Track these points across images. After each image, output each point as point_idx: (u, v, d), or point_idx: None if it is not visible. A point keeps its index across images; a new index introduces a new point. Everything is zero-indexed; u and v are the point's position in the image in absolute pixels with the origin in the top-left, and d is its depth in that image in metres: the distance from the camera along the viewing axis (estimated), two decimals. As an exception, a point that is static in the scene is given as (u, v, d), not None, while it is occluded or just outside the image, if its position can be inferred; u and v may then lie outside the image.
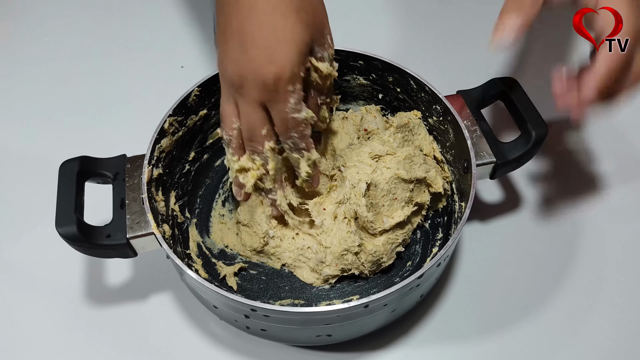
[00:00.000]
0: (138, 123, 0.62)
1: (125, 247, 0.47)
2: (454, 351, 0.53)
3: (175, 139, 0.56)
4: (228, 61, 0.45)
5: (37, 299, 0.56)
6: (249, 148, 0.49)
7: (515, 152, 0.52)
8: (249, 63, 0.44)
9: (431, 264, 0.45)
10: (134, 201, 0.49)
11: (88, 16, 0.84)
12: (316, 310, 0.43)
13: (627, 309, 0.55)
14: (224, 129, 0.49)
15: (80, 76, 0.76)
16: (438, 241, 0.57)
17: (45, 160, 0.65)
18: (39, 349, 0.53)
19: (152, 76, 0.75)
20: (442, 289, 0.57)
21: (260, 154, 0.49)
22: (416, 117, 0.59)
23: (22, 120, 0.72)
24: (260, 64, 0.44)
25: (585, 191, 0.64)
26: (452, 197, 0.58)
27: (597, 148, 0.67)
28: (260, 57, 0.43)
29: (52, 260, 0.58)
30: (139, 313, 0.55)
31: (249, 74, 0.44)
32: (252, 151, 0.49)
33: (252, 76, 0.44)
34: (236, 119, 0.48)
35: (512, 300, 0.56)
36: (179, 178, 0.58)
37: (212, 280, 0.54)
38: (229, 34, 0.45)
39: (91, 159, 0.50)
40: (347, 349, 0.53)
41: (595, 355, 0.53)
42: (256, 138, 0.48)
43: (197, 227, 0.59)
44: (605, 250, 0.59)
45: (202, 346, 0.53)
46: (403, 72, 0.57)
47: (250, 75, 0.44)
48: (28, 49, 0.80)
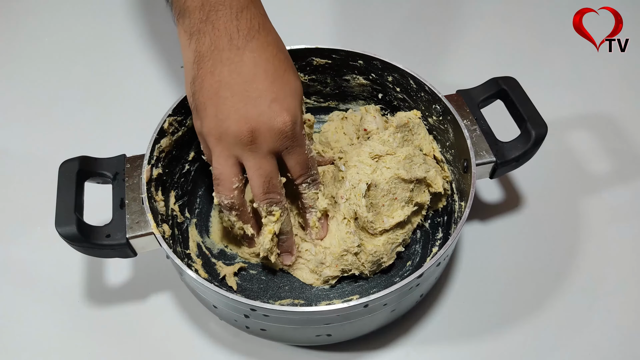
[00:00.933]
0: (138, 123, 0.62)
1: (125, 247, 0.47)
2: (454, 351, 0.53)
3: (175, 139, 0.56)
4: (231, 119, 0.44)
5: (37, 299, 0.56)
6: (265, 202, 0.48)
7: (515, 152, 0.52)
8: (260, 117, 0.44)
9: (431, 263, 0.45)
10: (133, 201, 0.49)
11: (88, 16, 0.84)
12: (316, 310, 0.43)
13: (627, 309, 0.55)
14: (222, 193, 0.47)
15: (80, 76, 0.76)
16: (438, 241, 0.57)
17: (45, 160, 0.65)
18: (39, 349, 0.53)
19: (152, 76, 0.76)
20: (442, 288, 0.57)
21: (280, 202, 0.49)
22: (416, 117, 0.59)
23: (22, 120, 0.72)
24: (274, 115, 0.44)
25: (585, 191, 0.64)
26: (452, 196, 0.58)
27: (597, 148, 0.67)
28: (273, 109, 0.44)
29: (52, 260, 0.58)
30: (138, 313, 0.55)
31: (262, 126, 0.44)
32: (269, 203, 0.48)
33: (267, 128, 0.44)
34: (237, 178, 0.46)
35: (512, 300, 0.56)
36: (178, 178, 0.58)
37: (212, 280, 0.54)
38: (224, 91, 0.44)
39: (91, 158, 0.50)
40: (347, 348, 0.53)
41: (595, 355, 0.53)
42: (274, 188, 0.47)
43: (197, 227, 0.59)
44: (605, 250, 0.59)
45: (201, 346, 0.53)
46: (403, 72, 0.57)
47: (264, 127, 0.44)
48: (28, 49, 0.80)
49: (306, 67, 0.61)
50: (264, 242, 0.50)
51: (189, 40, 0.46)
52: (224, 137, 0.45)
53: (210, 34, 0.44)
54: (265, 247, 0.50)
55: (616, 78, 0.73)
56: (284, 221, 0.50)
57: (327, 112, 0.67)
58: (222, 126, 0.44)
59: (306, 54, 0.60)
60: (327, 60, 0.61)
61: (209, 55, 0.44)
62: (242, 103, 0.44)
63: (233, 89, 0.44)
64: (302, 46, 0.59)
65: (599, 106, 0.65)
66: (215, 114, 0.44)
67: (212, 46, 0.44)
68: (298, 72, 0.61)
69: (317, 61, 0.61)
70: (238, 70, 0.44)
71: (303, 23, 0.82)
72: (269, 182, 0.47)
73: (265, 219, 0.49)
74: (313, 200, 0.52)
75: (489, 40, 0.78)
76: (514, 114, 0.54)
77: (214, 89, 0.44)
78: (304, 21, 0.83)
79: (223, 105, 0.44)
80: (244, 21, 0.45)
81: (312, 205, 0.52)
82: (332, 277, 0.54)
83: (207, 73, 0.45)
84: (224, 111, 0.44)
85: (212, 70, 0.44)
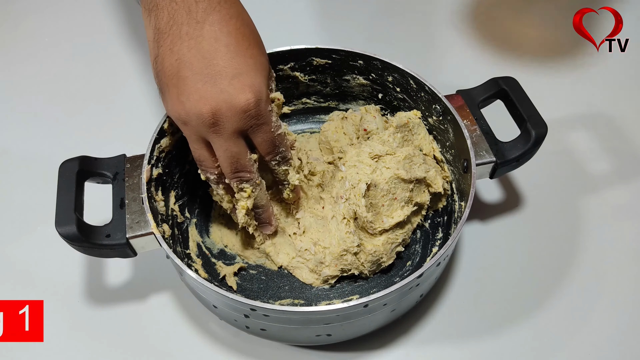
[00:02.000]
0: (138, 123, 0.62)
1: (124, 247, 0.47)
2: (454, 351, 0.53)
3: (175, 139, 0.56)
4: (191, 100, 0.42)
5: (37, 299, 0.56)
6: (235, 180, 0.47)
7: (515, 152, 0.52)
8: (221, 95, 0.42)
9: (431, 263, 0.45)
10: (133, 201, 0.49)
11: (88, 16, 0.84)
12: (316, 309, 0.43)
13: (627, 309, 0.55)
14: (206, 170, 0.47)
15: (80, 76, 0.76)
16: (438, 241, 0.57)
17: (45, 160, 0.65)
18: (39, 349, 0.53)
19: (152, 76, 0.75)
20: (441, 288, 0.57)
21: (250, 180, 0.48)
22: (416, 117, 0.59)
23: (22, 120, 0.72)
24: (235, 93, 0.42)
25: (585, 191, 0.64)
26: (451, 196, 0.58)
27: (597, 148, 0.67)
28: (234, 86, 0.42)
29: (52, 260, 0.58)
30: (138, 313, 0.55)
31: (224, 106, 0.42)
32: (239, 181, 0.47)
33: (229, 107, 0.42)
34: (213, 157, 0.46)
35: (512, 300, 0.56)
36: (178, 178, 0.58)
37: (212, 280, 0.54)
38: (185, 70, 0.42)
39: (91, 158, 0.50)
40: (347, 348, 0.53)
41: (595, 355, 0.53)
42: (243, 167, 0.46)
43: (197, 227, 0.59)
44: (605, 250, 0.59)
45: (201, 346, 0.53)
46: (403, 72, 0.57)
47: (225, 107, 0.42)
48: (28, 49, 0.80)
49: (306, 67, 0.61)
50: (239, 217, 0.50)
51: (148, 17, 0.44)
52: (188, 120, 0.43)
53: (167, 7, 0.42)
54: (241, 221, 0.51)
55: (616, 78, 0.73)
56: (258, 196, 0.50)
57: (327, 112, 0.67)
58: (184, 109, 0.43)
59: (306, 54, 0.60)
60: (327, 60, 0.61)
61: (167, 31, 0.42)
62: (202, 82, 0.42)
63: (193, 67, 0.42)
64: (302, 46, 0.59)
65: (599, 106, 0.65)
66: (177, 95, 0.43)
67: (171, 21, 0.42)
68: (298, 72, 0.61)
69: (317, 61, 0.61)
70: (197, 47, 0.42)
71: (303, 23, 0.82)
72: (236, 162, 0.45)
73: (237, 194, 0.49)
74: (284, 175, 0.51)
75: (489, 40, 0.78)
76: (514, 114, 0.54)
77: (174, 69, 0.42)
78: (304, 21, 0.83)
79: (184, 85, 0.42)
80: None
81: (284, 179, 0.52)
82: (331, 277, 0.54)
83: (167, 51, 0.43)
84: (184, 92, 0.42)
85: (172, 48, 0.42)
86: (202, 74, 0.42)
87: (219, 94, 0.42)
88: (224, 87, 0.42)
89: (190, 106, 0.42)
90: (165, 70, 0.43)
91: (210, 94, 0.42)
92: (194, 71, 0.42)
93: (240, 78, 0.42)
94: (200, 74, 0.42)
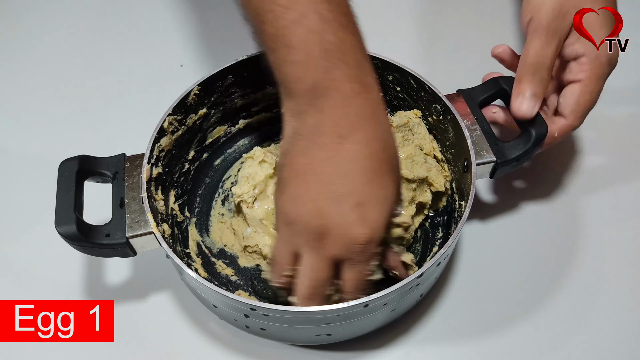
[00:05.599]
0: (137, 122, 0.62)
1: (124, 247, 0.47)
2: (454, 350, 0.53)
3: (175, 138, 0.56)
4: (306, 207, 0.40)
5: (36, 299, 0.56)
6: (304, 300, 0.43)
7: (515, 152, 0.52)
8: (337, 218, 0.39)
9: (431, 263, 0.45)
10: (133, 200, 0.49)
11: (87, 15, 0.84)
12: (316, 309, 0.43)
13: (627, 309, 0.55)
14: (273, 274, 0.45)
15: (80, 75, 0.76)
16: (438, 240, 0.57)
17: (44, 159, 0.65)
18: (39, 349, 0.53)
19: (152, 75, 0.75)
20: (442, 288, 0.57)
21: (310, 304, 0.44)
22: (416, 116, 0.59)
23: (21, 119, 0.71)
24: (351, 222, 0.39)
25: (585, 191, 0.64)
26: (452, 196, 0.57)
27: (597, 148, 0.67)
28: (354, 214, 0.39)
29: (52, 259, 0.58)
30: (138, 312, 0.55)
31: (335, 228, 0.39)
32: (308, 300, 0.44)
33: (339, 232, 0.39)
34: (290, 267, 0.43)
35: (512, 299, 0.56)
36: (178, 177, 0.58)
37: (212, 280, 0.54)
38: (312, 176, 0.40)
39: (90, 158, 0.50)
40: (347, 348, 0.53)
41: (595, 355, 0.53)
42: (319, 293, 0.43)
43: (197, 226, 0.59)
44: (605, 250, 0.59)
45: (201, 345, 0.53)
46: (403, 71, 0.57)
47: (336, 229, 0.39)
48: (28, 49, 0.80)
49: (306, 66, 0.61)
50: None
51: (292, 119, 0.42)
52: (292, 222, 0.41)
53: (314, 116, 0.40)
54: None
55: (616, 78, 0.73)
56: None
57: (327, 111, 0.67)
58: (294, 211, 0.40)
59: (306, 53, 0.60)
60: (327, 60, 0.60)
61: (307, 135, 0.40)
62: (324, 196, 0.39)
63: (320, 178, 0.40)
64: (302, 45, 0.59)
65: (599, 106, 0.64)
66: (294, 196, 0.41)
67: (314, 128, 0.40)
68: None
69: (317, 60, 0.60)
70: (333, 160, 0.39)
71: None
72: (316, 288, 0.42)
73: None
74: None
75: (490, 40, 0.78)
76: (515, 113, 0.54)
77: (301, 170, 0.40)
78: (304, 21, 0.82)
79: (305, 190, 0.40)
80: (354, 107, 0.40)
81: None
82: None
83: (300, 151, 0.41)
84: (302, 196, 0.40)
85: (306, 151, 0.40)
86: (327, 189, 0.40)
87: (336, 215, 0.39)
88: (344, 211, 0.39)
89: (303, 212, 0.40)
90: (292, 166, 0.41)
91: (327, 211, 0.39)
92: (321, 182, 0.40)
93: (363, 208, 0.39)
94: (325, 187, 0.40)
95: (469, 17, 0.83)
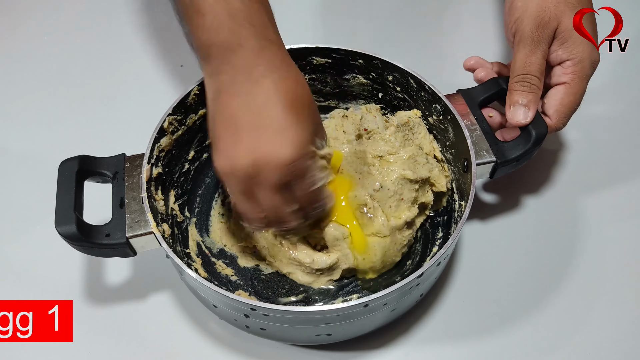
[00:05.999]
0: (137, 122, 0.62)
1: (124, 247, 0.47)
2: (454, 350, 0.53)
3: (175, 138, 0.56)
4: (236, 152, 0.43)
5: (36, 299, 0.56)
6: (277, 228, 0.48)
7: (515, 152, 0.52)
8: (263, 147, 0.42)
9: (431, 263, 0.45)
10: (133, 200, 0.49)
11: (87, 15, 0.84)
12: (316, 309, 0.43)
13: (627, 309, 0.55)
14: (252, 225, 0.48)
15: (80, 75, 0.76)
16: (438, 240, 0.57)
17: (44, 159, 0.65)
18: (38, 349, 0.53)
19: (152, 75, 0.75)
20: (442, 288, 0.57)
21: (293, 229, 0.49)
22: (416, 116, 0.59)
23: (21, 119, 0.71)
24: (277, 147, 0.42)
25: (585, 191, 0.64)
26: (452, 196, 0.57)
27: (596, 148, 0.67)
28: (277, 139, 0.42)
29: (52, 259, 0.58)
30: (138, 312, 0.55)
31: (264, 158, 0.42)
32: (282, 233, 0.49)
33: (268, 160, 0.42)
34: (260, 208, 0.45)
35: (512, 299, 0.56)
36: (178, 177, 0.58)
37: (212, 280, 0.54)
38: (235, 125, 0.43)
39: (90, 158, 0.50)
40: (347, 348, 0.53)
41: (595, 355, 0.53)
42: (285, 218, 0.46)
43: (197, 226, 0.59)
44: (605, 249, 0.59)
45: (201, 345, 0.53)
46: (403, 71, 0.57)
47: (266, 159, 0.42)
48: (28, 48, 0.79)
49: (306, 66, 0.61)
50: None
51: (211, 80, 0.46)
52: (232, 173, 0.44)
53: (229, 72, 0.44)
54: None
55: (616, 78, 0.73)
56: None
57: (327, 111, 0.66)
58: (228, 163, 0.43)
59: (306, 53, 0.60)
60: (327, 60, 0.60)
61: (225, 91, 0.44)
62: (247, 135, 0.43)
63: (242, 121, 0.43)
64: (302, 45, 0.59)
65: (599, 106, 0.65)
66: (224, 149, 0.44)
67: (230, 82, 0.44)
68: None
69: (317, 60, 0.61)
70: (250, 103, 0.43)
71: (303, 22, 0.82)
72: (279, 215, 0.46)
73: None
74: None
75: (490, 40, 0.78)
76: (514, 113, 0.54)
77: (225, 124, 0.44)
78: (304, 21, 0.83)
79: (231, 140, 0.43)
80: (264, 58, 0.44)
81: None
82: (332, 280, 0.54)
83: (221, 107, 0.44)
84: (231, 145, 0.43)
85: (226, 105, 0.44)
86: (249, 128, 0.43)
87: (262, 146, 0.42)
88: (267, 140, 0.42)
89: (235, 159, 0.43)
90: (216, 125, 0.44)
91: (253, 146, 0.42)
92: (243, 125, 0.43)
93: (285, 132, 0.42)
94: (247, 127, 0.43)
95: (469, 17, 0.83)
